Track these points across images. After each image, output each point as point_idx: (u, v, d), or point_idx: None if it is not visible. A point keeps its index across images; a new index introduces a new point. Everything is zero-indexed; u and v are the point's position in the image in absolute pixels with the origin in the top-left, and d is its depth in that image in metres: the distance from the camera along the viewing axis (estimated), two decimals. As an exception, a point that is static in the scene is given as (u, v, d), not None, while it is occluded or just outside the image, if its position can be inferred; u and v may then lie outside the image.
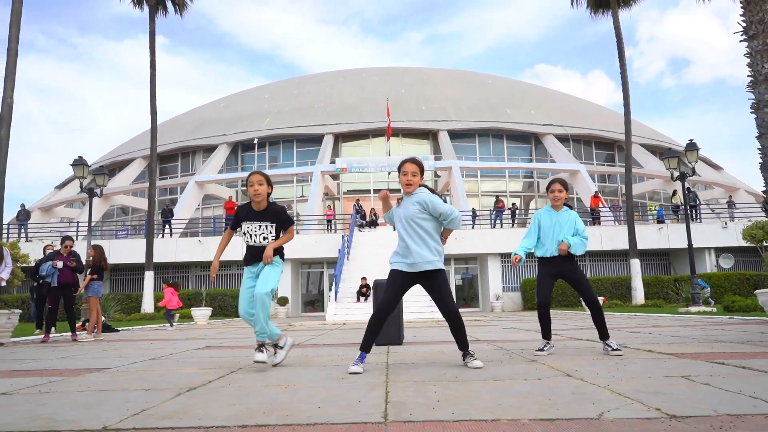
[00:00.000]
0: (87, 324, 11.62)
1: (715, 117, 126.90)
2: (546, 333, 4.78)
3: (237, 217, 4.40)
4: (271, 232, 4.30)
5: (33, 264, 11.37)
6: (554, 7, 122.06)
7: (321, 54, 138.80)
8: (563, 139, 34.45)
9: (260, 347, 4.23)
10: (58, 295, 9.01)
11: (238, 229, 4.41)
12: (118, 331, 11.94)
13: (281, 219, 4.34)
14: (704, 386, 2.75)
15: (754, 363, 3.62)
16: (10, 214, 29.43)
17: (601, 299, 18.60)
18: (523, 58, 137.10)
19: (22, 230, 26.98)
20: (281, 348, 4.31)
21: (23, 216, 28.62)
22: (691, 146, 13.55)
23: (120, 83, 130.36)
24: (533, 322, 11.15)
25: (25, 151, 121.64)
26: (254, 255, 4.30)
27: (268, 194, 4.36)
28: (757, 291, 9.54)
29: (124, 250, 24.62)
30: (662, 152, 39.19)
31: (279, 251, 4.35)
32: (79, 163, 15.11)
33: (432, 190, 4.07)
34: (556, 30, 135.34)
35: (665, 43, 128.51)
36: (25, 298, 19.55)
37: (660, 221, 25.82)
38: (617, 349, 4.43)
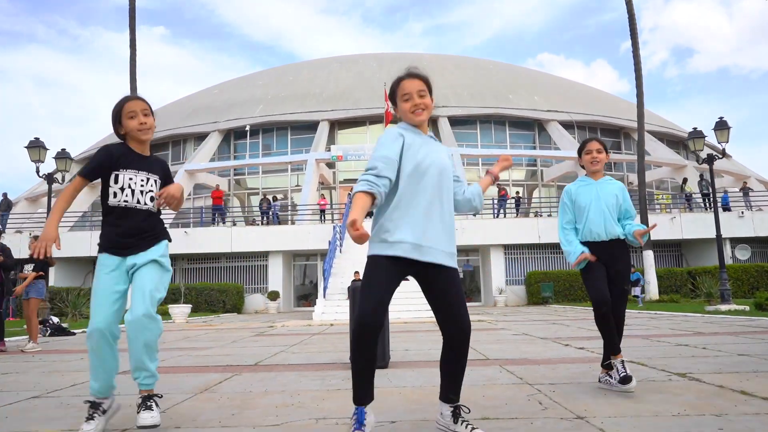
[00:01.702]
0: (43, 327, 10.26)
1: (718, 107, 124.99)
2: (612, 346, 3.34)
3: (109, 157, 2.73)
4: (155, 191, 2.86)
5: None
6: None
7: (322, 44, 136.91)
8: (568, 125, 32.99)
9: (145, 401, 2.63)
10: (-20, 297, 7.57)
11: (113, 184, 2.73)
12: (74, 334, 10.54)
13: (168, 176, 2.95)
14: None
15: None
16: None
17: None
18: (526, 48, 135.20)
19: (4, 220, 25.67)
20: (157, 408, 2.66)
21: (4, 206, 27.30)
22: (722, 125, 12.05)
23: (120, 74, 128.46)
24: (545, 324, 9.73)
25: (25, 142, 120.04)
26: (132, 230, 2.74)
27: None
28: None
29: (104, 242, 23.22)
30: (671, 139, 37.82)
31: (163, 236, 2.88)
32: (34, 145, 13.61)
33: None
34: (558, 20, 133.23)
35: (669, 32, 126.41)
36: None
37: (726, 208, 24.31)
38: (626, 379, 3.15)
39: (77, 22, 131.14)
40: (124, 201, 2.73)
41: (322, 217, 25.18)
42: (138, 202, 2.75)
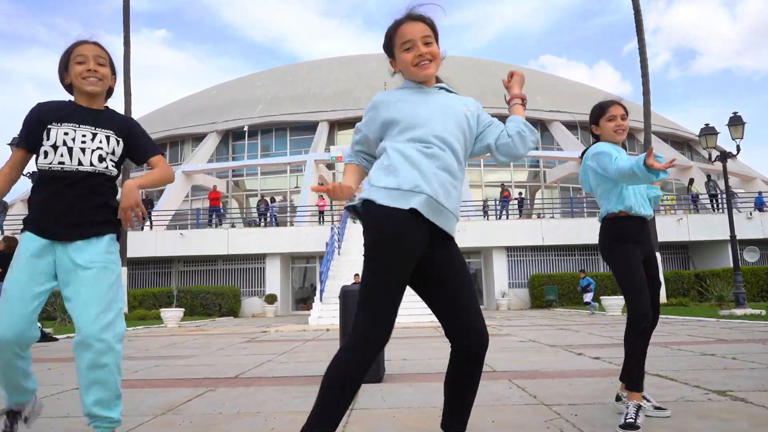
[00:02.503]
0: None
1: (721, 109, 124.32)
2: (640, 374, 2.66)
3: (39, 112, 2.21)
4: (111, 153, 2.22)
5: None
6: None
7: (323, 46, 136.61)
8: (571, 126, 32.53)
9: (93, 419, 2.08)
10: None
11: (45, 141, 2.16)
12: (57, 340, 10.03)
13: (134, 135, 2.30)
14: None
15: None
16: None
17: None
18: (528, 50, 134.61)
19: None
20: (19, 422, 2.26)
21: (0, 208, 26.87)
22: (736, 120, 11.51)
23: (120, 76, 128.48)
24: (553, 330, 9.19)
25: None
26: (65, 204, 2.13)
27: (110, 89, 2.34)
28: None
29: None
30: (675, 140, 37.27)
31: (111, 227, 2.21)
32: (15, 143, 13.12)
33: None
34: (560, 22, 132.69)
35: (672, 34, 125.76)
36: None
37: (760, 209, 23.81)
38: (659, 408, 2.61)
39: (79, 25, 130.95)
40: (59, 163, 2.13)
41: (321, 219, 24.68)
42: (79, 163, 2.13)
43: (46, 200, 2.13)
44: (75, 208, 2.13)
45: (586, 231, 21.61)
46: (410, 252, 1.72)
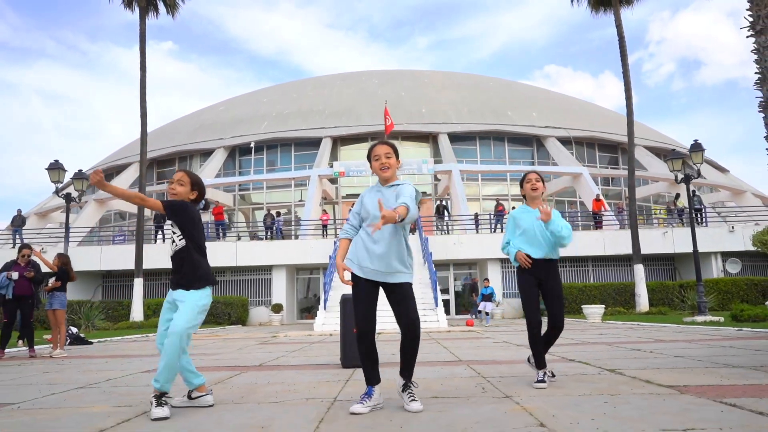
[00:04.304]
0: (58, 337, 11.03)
1: (727, 119, 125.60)
2: (541, 360, 4.01)
3: None
4: (175, 233, 3.54)
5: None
6: (562, 11, 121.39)
7: (328, 59, 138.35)
8: (565, 141, 33.78)
9: (159, 399, 3.18)
10: (13, 308, 8.38)
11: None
12: (91, 343, 11.34)
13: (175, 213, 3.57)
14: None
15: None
16: (5, 220, 29.03)
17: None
18: (532, 61, 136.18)
19: (17, 236, 26.61)
20: (192, 399, 3.47)
21: (18, 222, 28.23)
22: (696, 147, 12.82)
23: (128, 89, 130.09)
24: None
25: (33, 157, 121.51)
26: (173, 271, 3.54)
27: (193, 199, 3.69)
28: (769, 301, 8.83)
29: (116, 257, 24.12)
30: (667, 155, 38.57)
31: (196, 280, 3.48)
32: (54, 167, 14.56)
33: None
34: (565, 33, 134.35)
35: (676, 45, 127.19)
36: None
37: None
38: (541, 381, 3.83)
39: (86, 38, 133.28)
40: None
41: (325, 232, 25.99)
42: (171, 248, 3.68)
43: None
44: (174, 271, 3.60)
45: (578, 243, 22.89)
46: None
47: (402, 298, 3.21)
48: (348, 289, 15.95)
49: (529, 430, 2.54)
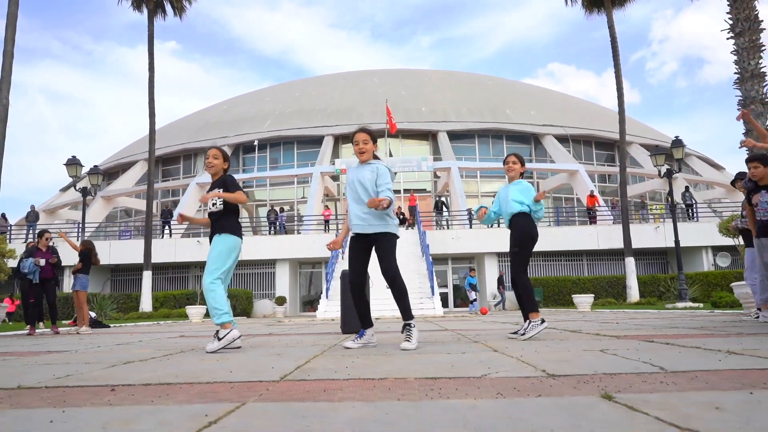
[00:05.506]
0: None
1: (729, 117, 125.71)
2: (532, 305, 4.73)
3: None
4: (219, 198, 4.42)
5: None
6: (563, 10, 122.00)
7: (331, 58, 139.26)
8: (563, 139, 34.49)
9: (216, 334, 4.17)
10: (39, 291, 9.21)
11: None
12: (109, 326, 12.11)
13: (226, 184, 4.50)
14: (611, 356, 2.87)
15: (681, 341, 3.72)
16: (20, 215, 29.87)
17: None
18: (535, 59, 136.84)
19: (30, 230, 27.46)
20: (219, 339, 4.15)
21: (32, 217, 29.12)
22: (677, 143, 13.58)
23: (133, 88, 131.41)
24: (517, 319, 11.22)
25: (38, 155, 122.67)
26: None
27: (224, 169, 4.57)
28: (733, 284, 9.56)
29: (124, 251, 24.89)
30: (659, 151, 39.24)
31: (226, 227, 4.37)
32: (72, 162, 15.36)
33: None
34: (567, 32, 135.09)
35: (679, 43, 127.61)
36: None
37: None
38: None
39: (91, 38, 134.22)
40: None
41: (327, 227, 26.77)
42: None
43: None
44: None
45: (573, 238, 23.71)
46: None
47: (383, 253, 4.01)
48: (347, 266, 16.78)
49: (486, 353, 3.29)
